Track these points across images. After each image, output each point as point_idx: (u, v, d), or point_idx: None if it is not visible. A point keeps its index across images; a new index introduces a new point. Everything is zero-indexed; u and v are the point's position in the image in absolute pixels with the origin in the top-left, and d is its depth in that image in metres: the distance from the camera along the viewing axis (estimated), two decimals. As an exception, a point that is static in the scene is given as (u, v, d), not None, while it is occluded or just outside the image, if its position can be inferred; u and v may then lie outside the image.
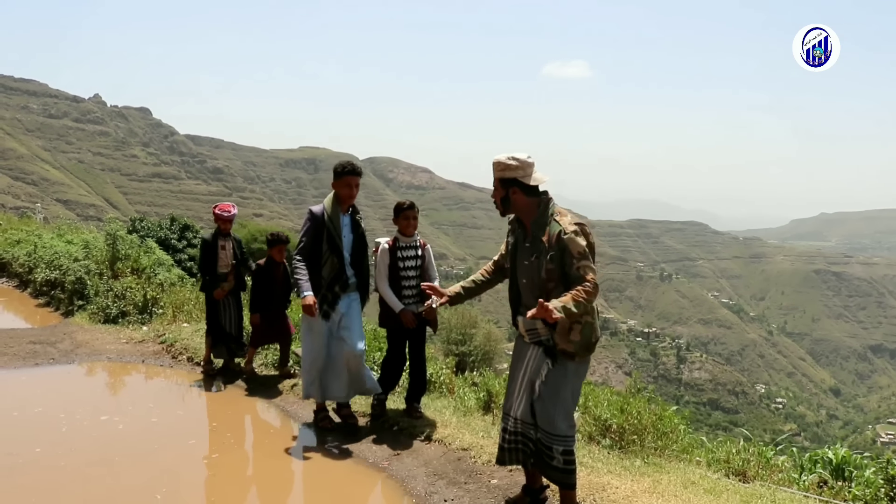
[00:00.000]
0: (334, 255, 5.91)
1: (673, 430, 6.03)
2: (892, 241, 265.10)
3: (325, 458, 5.73)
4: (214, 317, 8.07)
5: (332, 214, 5.90)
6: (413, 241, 6.21)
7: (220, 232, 7.97)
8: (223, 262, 7.95)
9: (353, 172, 5.93)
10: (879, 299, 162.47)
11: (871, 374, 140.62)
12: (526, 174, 4.12)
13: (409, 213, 6.15)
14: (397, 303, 6.04)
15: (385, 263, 6.11)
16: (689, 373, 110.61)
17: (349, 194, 5.92)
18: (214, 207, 8.07)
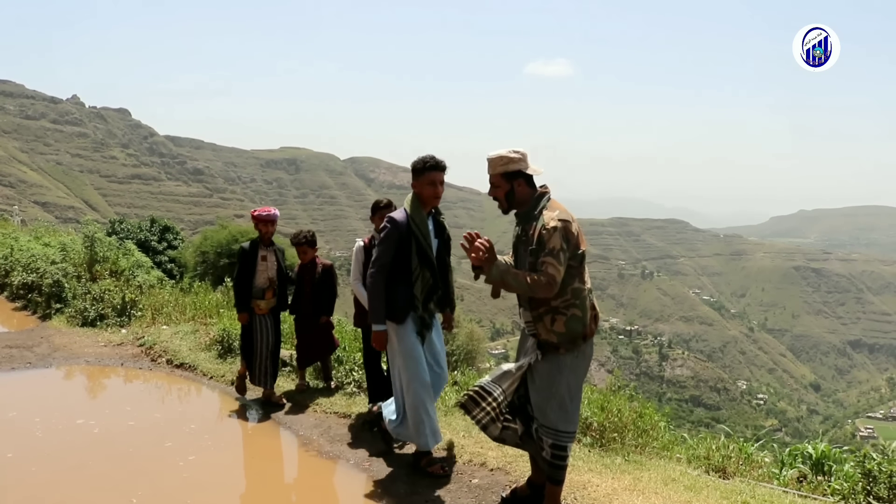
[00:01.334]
0: (426, 269, 5.08)
1: (653, 427, 6.04)
2: (870, 237, 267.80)
3: (306, 460, 5.69)
4: (248, 339, 6.96)
5: (417, 217, 5.04)
6: None
7: (261, 240, 6.92)
8: (262, 276, 6.87)
9: (436, 167, 5.04)
10: (858, 295, 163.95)
11: (851, 369, 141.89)
12: (527, 165, 4.17)
13: (386, 212, 5.84)
14: None
15: (360, 262, 5.96)
16: (671, 370, 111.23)
17: (433, 193, 5.07)
18: (253, 211, 7.00)
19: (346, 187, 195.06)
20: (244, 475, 5.56)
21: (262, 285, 6.86)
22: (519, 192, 4.18)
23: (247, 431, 6.47)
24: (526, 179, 4.18)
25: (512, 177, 4.15)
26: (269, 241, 6.93)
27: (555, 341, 4.06)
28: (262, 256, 6.87)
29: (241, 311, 6.86)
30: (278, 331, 7.08)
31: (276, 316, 7.07)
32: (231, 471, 5.62)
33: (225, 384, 7.79)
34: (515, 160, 4.14)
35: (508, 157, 4.13)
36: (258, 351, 6.91)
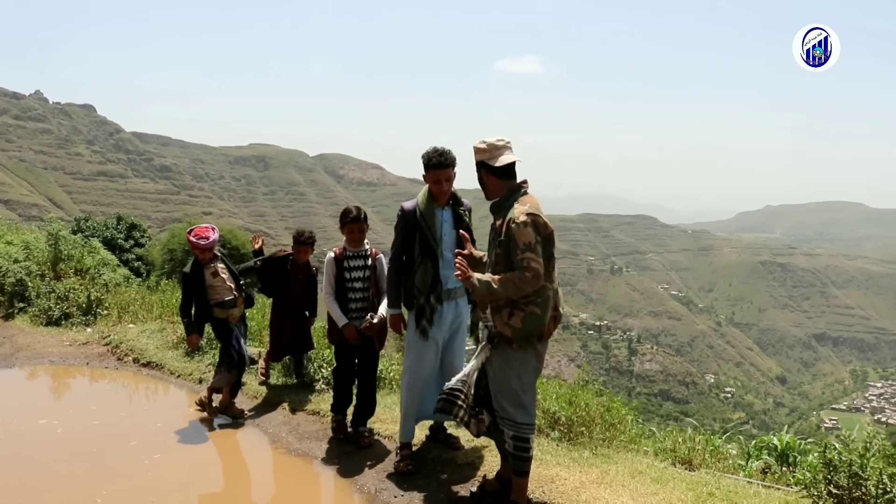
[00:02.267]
0: (428, 259, 5.04)
1: (620, 421, 6.10)
2: (834, 232, 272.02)
3: (274, 457, 5.68)
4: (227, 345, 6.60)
5: (425, 210, 5.05)
6: (362, 250, 5.81)
7: (199, 261, 6.51)
8: (224, 289, 6.52)
9: (440, 165, 4.97)
10: (822, 289, 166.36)
11: (816, 361, 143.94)
12: (492, 156, 4.20)
13: (354, 226, 5.72)
14: (341, 316, 5.68)
15: (331, 275, 5.75)
16: (640, 364, 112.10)
17: (439, 191, 5.05)
18: (189, 233, 6.55)
19: (315, 184, 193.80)
20: (211, 473, 5.52)
21: (228, 295, 6.54)
22: (488, 182, 4.27)
23: (214, 429, 6.41)
24: (492, 170, 4.22)
25: (479, 166, 4.26)
26: (209, 259, 6.51)
27: (508, 335, 4.07)
28: (212, 273, 6.48)
29: (190, 332, 6.56)
30: (246, 330, 7.00)
31: (244, 318, 6.94)
32: (197, 469, 5.57)
33: (192, 382, 7.72)
34: (479, 150, 4.24)
35: (476, 147, 4.25)
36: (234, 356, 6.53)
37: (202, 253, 6.45)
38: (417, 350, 5.11)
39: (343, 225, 5.74)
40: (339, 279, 5.74)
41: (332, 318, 5.72)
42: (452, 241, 5.07)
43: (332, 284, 5.74)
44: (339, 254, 5.78)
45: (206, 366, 8.07)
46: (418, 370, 5.13)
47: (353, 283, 5.75)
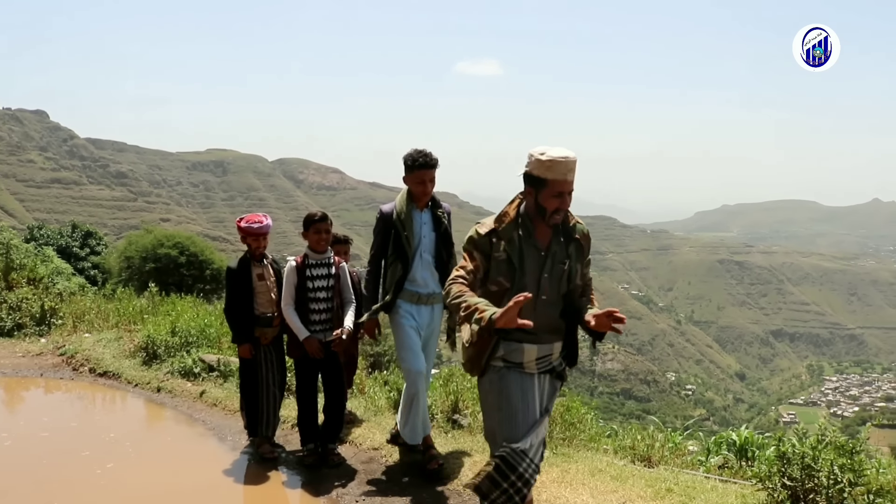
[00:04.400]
0: (400, 262, 4.98)
1: (580, 420, 6.15)
2: (789, 230, 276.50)
3: (231, 464, 5.61)
4: (251, 384, 5.71)
5: (401, 211, 5.01)
6: (325, 258, 5.47)
7: (251, 255, 5.68)
8: (265, 299, 5.62)
9: (425, 165, 4.92)
10: (779, 286, 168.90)
11: (773, 357, 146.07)
12: None
13: (321, 226, 5.39)
14: (302, 329, 5.30)
15: (292, 284, 5.37)
16: (602, 364, 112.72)
17: (423, 191, 4.99)
18: (239, 221, 5.67)
19: (274, 189, 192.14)
20: (167, 483, 5.42)
21: (268, 310, 5.61)
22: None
23: (173, 438, 6.35)
24: None
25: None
26: (261, 255, 5.70)
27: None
28: (258, 275, 5.62)
29: (243, 341, 5.61)
30: (283, 363, 5.86)
31: (279, 345, 5.80)
32: (153, 477, 5.47)
33: (150, 391, 7.63)
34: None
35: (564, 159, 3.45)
36: (265, 390, 5.68)
37: (256, 240, 5.60)
38: (409, 346, 5.03)
39: (308, 227, 5.41)
40: (301, 289, 5.37)
41: (293, 330, 5.34)
42: (432, 244, 5.07)
43: (292, 294, 5.37)
44: (300, 262, 5.41)
45: (164, 374, 7.97)
46: (416, 366, 5.01)
47: (315, 293, 5.39)
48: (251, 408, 5.71)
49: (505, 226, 3.46)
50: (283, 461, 5.57)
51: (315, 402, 5.59)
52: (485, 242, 3.44)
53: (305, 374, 5.51)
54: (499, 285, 3.43)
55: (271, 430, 5.73)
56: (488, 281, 3.45)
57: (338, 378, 5.55)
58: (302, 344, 5.30)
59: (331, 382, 5.54)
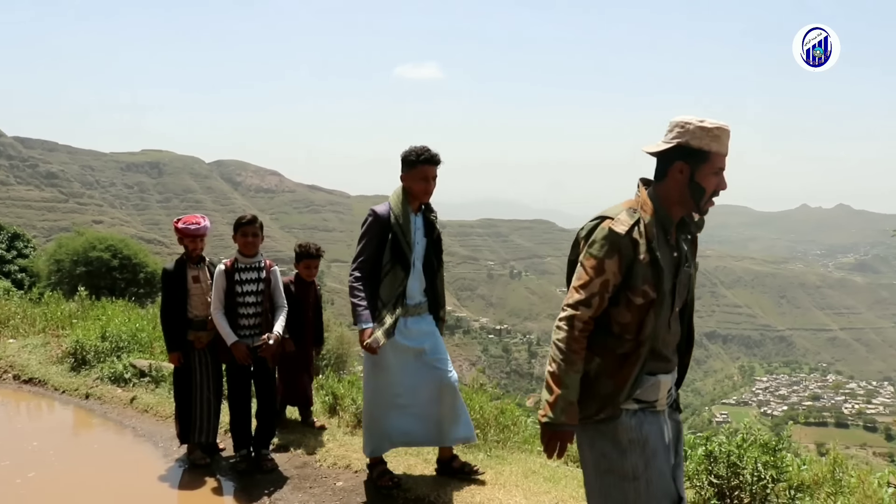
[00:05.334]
0: (399, 267, 4.60)
1: (514, 422, 6.20)
2: (723, 234, 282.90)
3: (163, 471, 5.51)
4: (185, 390, 5.54)
5: (399, 214, 4.63)
6: (255, 261, 5.36)
7: (188, 257, 5.52)
8: (199, 301, 5.46)
9: (430, 161, 4.62)
10: (713, 289, 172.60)
11: (707, 359, 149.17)
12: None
13: (249, 229, 5.29)
14: (230, 334, 5.17)
15: (220, 288, 5.24)
16: (540, 367, 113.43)
17: (425, 189, 4.66)
18: (176, 222, 5.56)
19: (211, 191, 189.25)
20: (93, 491, 5.29)
21: (203, 313, 5.46)
22: (705, 183, 2.82)
23: (100, 446, 6.21)
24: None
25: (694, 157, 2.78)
26: (198, 257, 5.55)
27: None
28: (194, 277, 5.47)
29: (173, 349, 5.48)
30: (219, 368, 5.68)
31: (215, 350, 5.59)
32: (77, 487, 5.35)
33: (79, 398, 7.46)
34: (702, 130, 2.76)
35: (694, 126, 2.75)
36: (198, 394, 5.53)
37: (193, 242, 5.45)
38: (386, 364, 4.64)
39: (237, 230, 5.31)
40: (230, 293, 5.24)
41: (221, 335, 5.21)
42: (423, 250, 4.75)
43: (221, 299, 5.23)
44: (230, 266, 5.29)
45: (93, 380, 7.80)
46: (376, 384, 4.69)
47: (245, 298, 5.28)
48: (184, 414, 5.56)
49: (649, 218, 2.74)
50: (217, 468, 5.49)
51: (248, 408, 5.47)
52: (627, 243, 2.68)
53: (236, 379, 5.39)
54: (644, 296, 2.69)
55: (205, 436, 5.60)
56: (629, 291, 2.69)
57: (269, 383, 5.44)
58: (227, 349, 5.21)
59: (262, 388, 5.43)
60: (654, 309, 2.69)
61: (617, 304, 2.72)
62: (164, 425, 6.46)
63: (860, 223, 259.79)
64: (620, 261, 2.67)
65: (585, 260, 2.72)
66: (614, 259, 2.67)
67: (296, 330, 5.92)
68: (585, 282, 2.70)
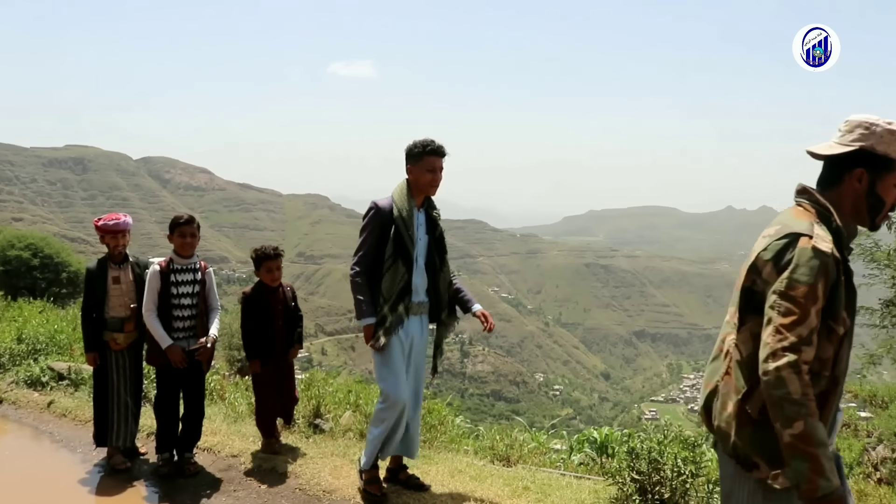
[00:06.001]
0: (402, 262, 4.46)
1: (441, 422, 6.22)
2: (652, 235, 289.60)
3: (81, 477, 5.33)
4: (102, 392, 5.42)
5: (402, 207, 4.49)
6: (191, 262, 5.24)
7: (110, 256, 5.35)
8: (117, 303, 5.31)
9: (436, 152, 4.50)
10: (642, 289, 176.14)
11: (636, 357, 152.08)
12: None
13: (186, 229, 5.16)
14: (165, 337, 5.05)
15: (155, 289, 5.09)
16: (472, 366, 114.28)
17: (431, 181, 4.53)
18: (97, 220, 5.40)
19: (139, 188, 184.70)
20: (6, 499, 5.12)
21: (120, 314, 5.31)
22: (885, 193, 2.47)
23: (13, 452, 6.00)
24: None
25: (874, 163, 2.43)
26: (121, 256, 5.38)
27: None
28: (114, 277, 5.31)
29: (90, 349, 5.35)
30: (140, 370, 5.58)
31: (136, 352, 5.52)
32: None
33: None
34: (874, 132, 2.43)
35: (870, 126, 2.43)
36: (115, 399, 5.39)
37: (114, 239, 5.28)
38: (392, 366, 4.48)
39: (173, 230, 5.17)
40: (165, 295, 5.11)
41: (154, 338, 5.08)
42: (426, 247, 4.63)
43: (155, 301, 5.10)
44: (164, 266, 5.15)
45: (7, 384, 7.53)
46: (397, 390, 4.45)
47: (180, 300, 5.15)
48: (100, 417, 5.43)
49: (843, 234, 2.38)
50: (138, 472, 5.35)
51: (176, 412, 5.35)
52: (832, 264, 2.29)
53: (167, 383, 5.26)
54: (844, 324, 2.33)
55: (122, 440, 5.45)
56: (832, 320, 2.31)
57: (199, 387, 5.38)
58: (164, 352, 5.07)
59: (192, 392, 5.34)
60: (847, 339, 2.35)
61: (820, 339, 2.30)
62: (83, 430, 6.27)
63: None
64: (825, 285, 2.26)
65: (792, 290, 2.25)
66: (822, 283, 2.26)
67: (265, 344, 5.49)
68: (800, 316, 2.23)
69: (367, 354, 31.23)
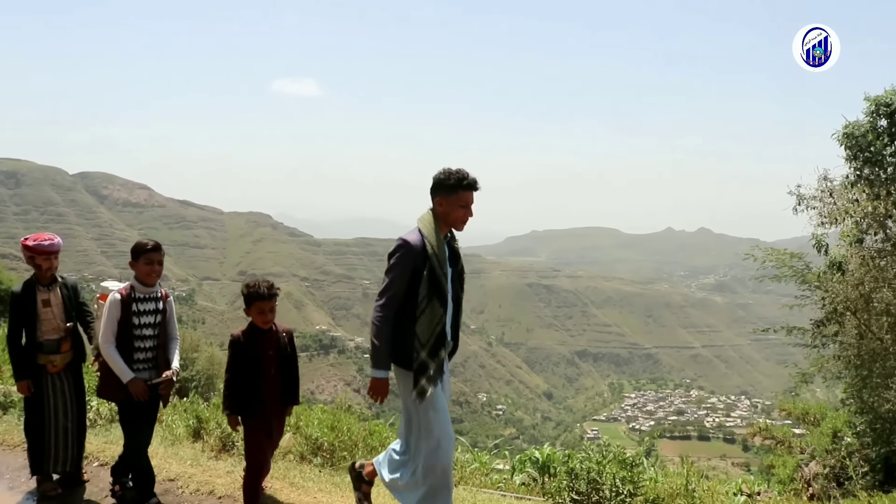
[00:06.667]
0: (437, 302, 4.11)
1: (383, 444, 6.17)
2: (593, 255, 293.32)
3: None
4: (37, 418, 5.19)
5: (434, 243, 4.15)
6: (154, 291, 4.91)
7: (38, 278, 5.13)
8: (49, 326, 5.12)
9: (472, 186, 4.23)
10: (584, 309, 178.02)
11: (578, 377, 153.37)
12: None
13: (154, 255, 4.82)
14: (126, 370, 4.70)
15: (115, 319, 4.72)
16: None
17: (464, 217, 4.27)
18: (26, 240, 5.14)
19: (75, 204, 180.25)
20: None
21: (54, 336, 5.14)
22: None
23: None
24: None
25: None
26: (51, 278, 5.18)
27: None
28: (44, 300, 5.11)
29: (20, 378, 5.13)
30: (81, 390, 5.38)
31: (75, 371, 5.35)
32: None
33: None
34: None
35: None
36: (52, 422, 5.18)
37: (48, 260, 5.08)
38: (442, 408, 4.19)
39: (138, 257, 4.80)
40: (125, 324, 4.75)
41: (114, 371, 4.71)
42: (450, 282, 4.27)
43: (114, 331, 4.72)
44: (126, 295, 4.78)
45: None
46: (451, 432, 4.18)
47: (141, 330, 4.82)
48: (36, 444, 5.22)
49: None
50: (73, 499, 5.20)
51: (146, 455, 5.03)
52: None
53: (132, 415, 4.87)
54: None
55: (61, 465, 5.26)
56: None
57: (153, 416, 5.07)
58: (118, 386, 4.74)
59: (145, 427, 4.97)
60: None
61: None
62: (11, 455, 6.07)
63: (719, 246, 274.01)
64: None
65: None
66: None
67: (249, 395, 4.71)
68: None
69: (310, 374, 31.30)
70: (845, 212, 7.83)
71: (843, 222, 7.97)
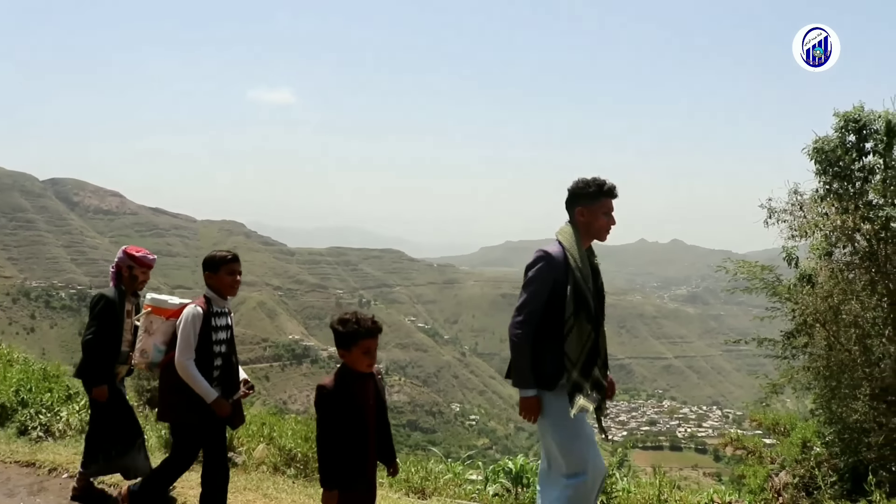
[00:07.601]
0: (585, 319, 3.88)
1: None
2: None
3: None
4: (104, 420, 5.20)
5: (577, 256, 3.94)
6: (227, 305, 4.73)
7: (128, 288, 5.24)
8: (126, 337, 5.18)
9: (612, 192, 4.06)
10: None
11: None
12: None
13: (236, 266, 4.62)
14: (210, 389, 4.44)
15: (195, 334, 4.44)
16: (388, 396, 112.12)
17: (607, 225, 4.09)
18: (129, 249, 5.25)
19: (45, 210, 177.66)
20: None
21: (125, 348, 5.17)
22: None
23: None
24: None
25: None
26: (142, 287, 5.30)
27: None
28: (128, 311, 5.18)
29: (100, 383, 5.06)
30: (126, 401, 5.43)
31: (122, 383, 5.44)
32: None
33: None
34: None
35: None
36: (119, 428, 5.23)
37: (143, 273, 5.23)
38: (585, 435, 4.05)
39: (218, 268, 4.58)
40: (204, 340, 4.49)
41: (196, 390, 4.40)
42: (592, 300, 4.02)
43: (193, 346, 4.44)
44: (205, 308, 4.53)
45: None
46: (599, 461, 4.07)
47: (218, 347, 4.58)
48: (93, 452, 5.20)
49: None
50: None
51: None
52: None
53: (194, 440, 4.60)
54: None
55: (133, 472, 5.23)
56: None
57: (223, 442, 4.75)
58: (198, 407, 4.43)
59: (219, 447, 4.68)
60: None
61: None
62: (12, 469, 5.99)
63: (692, 257, 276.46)
64: None
65: None
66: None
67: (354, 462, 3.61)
68: None
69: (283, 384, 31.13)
70: (815, 225, 7.95)
71: (813, 235, 8.09)
